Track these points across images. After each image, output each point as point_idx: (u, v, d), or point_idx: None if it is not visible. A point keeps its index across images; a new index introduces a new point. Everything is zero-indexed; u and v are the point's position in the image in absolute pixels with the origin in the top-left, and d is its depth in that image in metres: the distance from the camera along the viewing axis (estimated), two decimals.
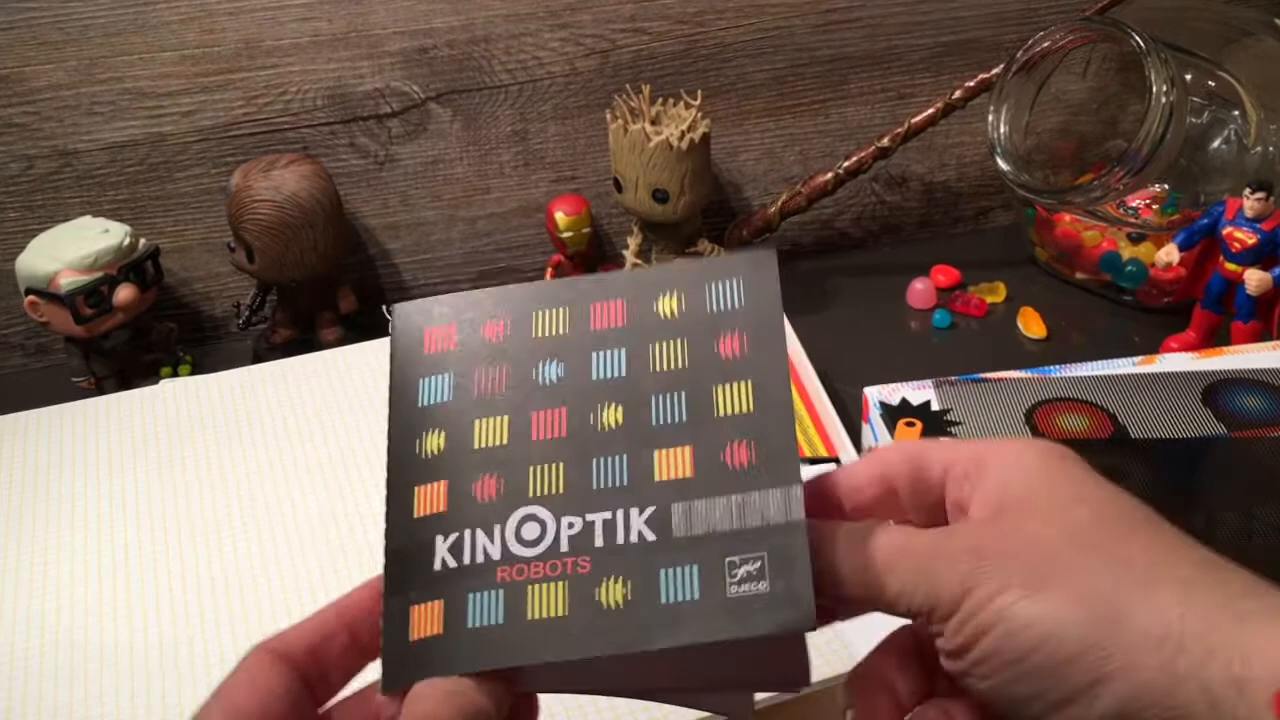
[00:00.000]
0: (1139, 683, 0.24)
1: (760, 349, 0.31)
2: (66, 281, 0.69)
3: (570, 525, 0.30)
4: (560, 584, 0.29)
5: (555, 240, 0.82)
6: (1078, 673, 0.25)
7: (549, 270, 0.83)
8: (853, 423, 0.62)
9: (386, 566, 0.30)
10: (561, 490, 0.31)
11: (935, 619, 0.27)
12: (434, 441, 0.32)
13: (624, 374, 0.32)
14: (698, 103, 0.74)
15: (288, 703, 0.28)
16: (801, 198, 0.82)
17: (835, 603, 0.29)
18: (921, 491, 0.30)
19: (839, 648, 0.45)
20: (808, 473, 0.30)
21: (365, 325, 0.79)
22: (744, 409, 0.31)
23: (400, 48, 0.78)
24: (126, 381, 0.73)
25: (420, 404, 0.33)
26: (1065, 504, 0.27)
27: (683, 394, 0.31)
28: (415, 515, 0.31)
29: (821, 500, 0.31)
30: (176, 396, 0.65)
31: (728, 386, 0.31)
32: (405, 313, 0.34)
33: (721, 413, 0.31)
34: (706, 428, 0.31)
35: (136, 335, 0.74)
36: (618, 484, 0.30)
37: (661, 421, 0.31)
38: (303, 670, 0.29)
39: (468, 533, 0.30)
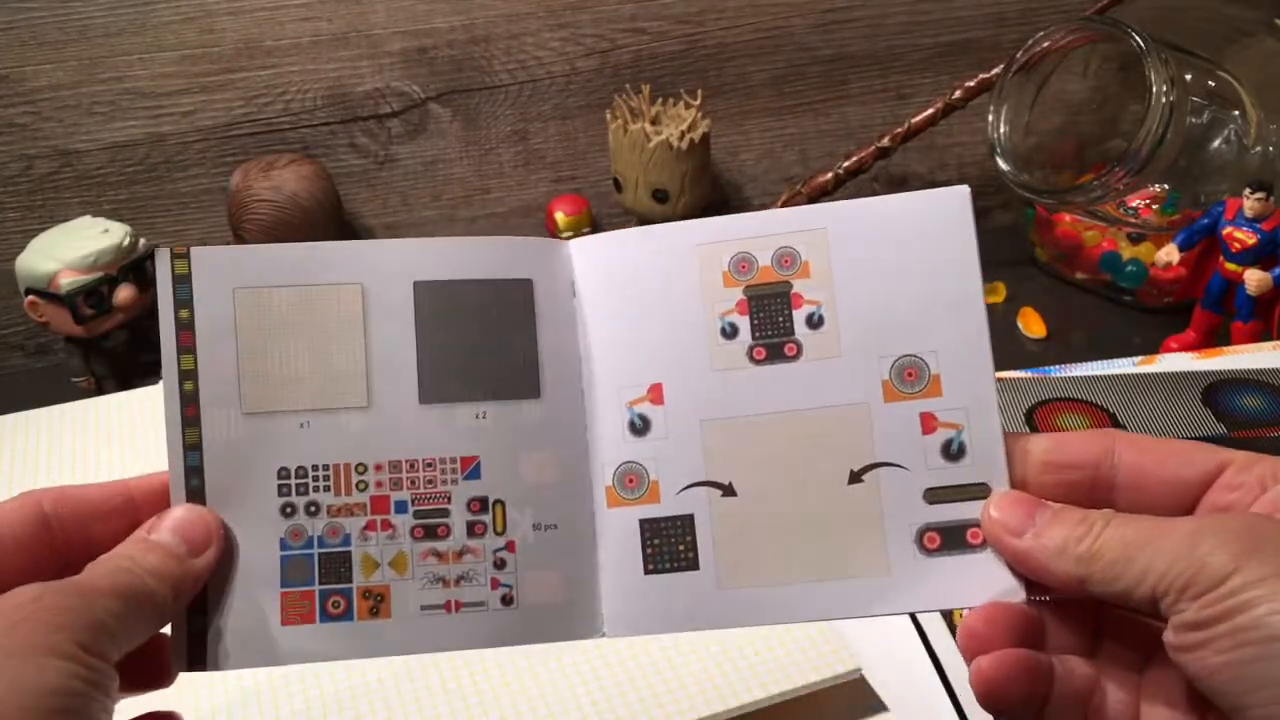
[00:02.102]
0: None
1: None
2: (66, 281, 0.69)
3: None
4: None
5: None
6: None
7: None
8: None
9: None
10: None
11: (1188, 595, 0.27)
12: None
13: None
14: (698, 103, 0.74)
15: (27, 544, 0.30)
16: (801, 198, 0.82)
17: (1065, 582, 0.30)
18: (1167, 484, 0.30)
19: (839, 647, 0.45)
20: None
21: None
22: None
23: (400, 48, 0.78)
24: (126, 381, 0.73)
25: None
26: None
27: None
28: None
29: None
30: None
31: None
32: None
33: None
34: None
35: (136, 335, 0.74)
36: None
37: None
38: (60, 527, 0.31)
39: None
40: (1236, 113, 0.71)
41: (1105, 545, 0.29)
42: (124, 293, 0.71)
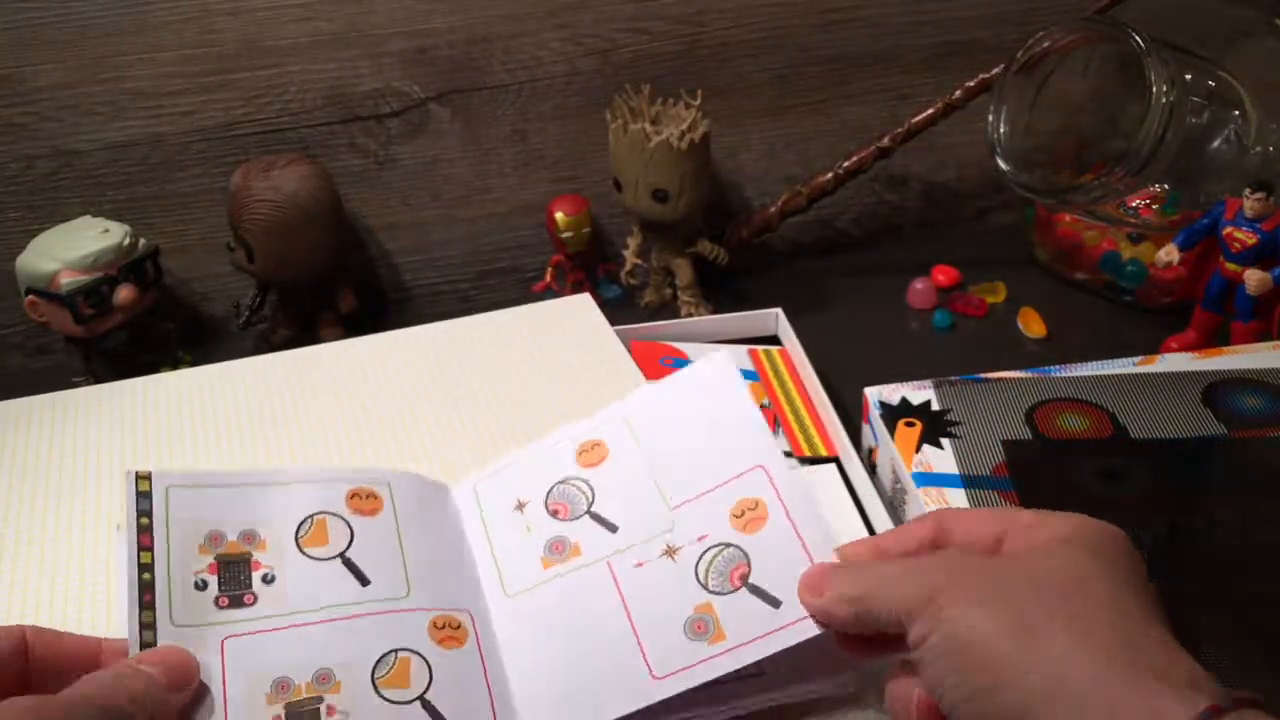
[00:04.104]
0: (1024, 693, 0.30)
1: None
2: (66, 281, 0.69)
3: None
4: None
5: (555, 240, 0.82)
6: (987, 675, 0.31)
7: (549, 270, 0.83)
8: (853, 423, 0.62)
9: None
10: None
11: (910, 619, 0.34)
12: None
13: None
14: (698, 103, 0.74)
15: (7, 660, 0.35)
16: (801, 198, 0.82)
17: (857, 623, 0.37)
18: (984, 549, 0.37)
19: None
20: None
21: (365, 325, 0.79)
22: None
23: (400, 48, 0.78)
24: None
25: None
26: (1049, 573, 0.34)
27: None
28: None
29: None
30: (176, 387, 0.65)
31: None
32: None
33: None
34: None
35: (136, 335, 0.74)
36: None
37: None
38: (35, 665, 0.36)
39: None
40: (1236, 113, 0.71)
41: (865, 588, 0.36)
42: (124, 293, 0.71)
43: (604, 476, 0.45)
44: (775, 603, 0.39)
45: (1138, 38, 0.65)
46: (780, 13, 0.82)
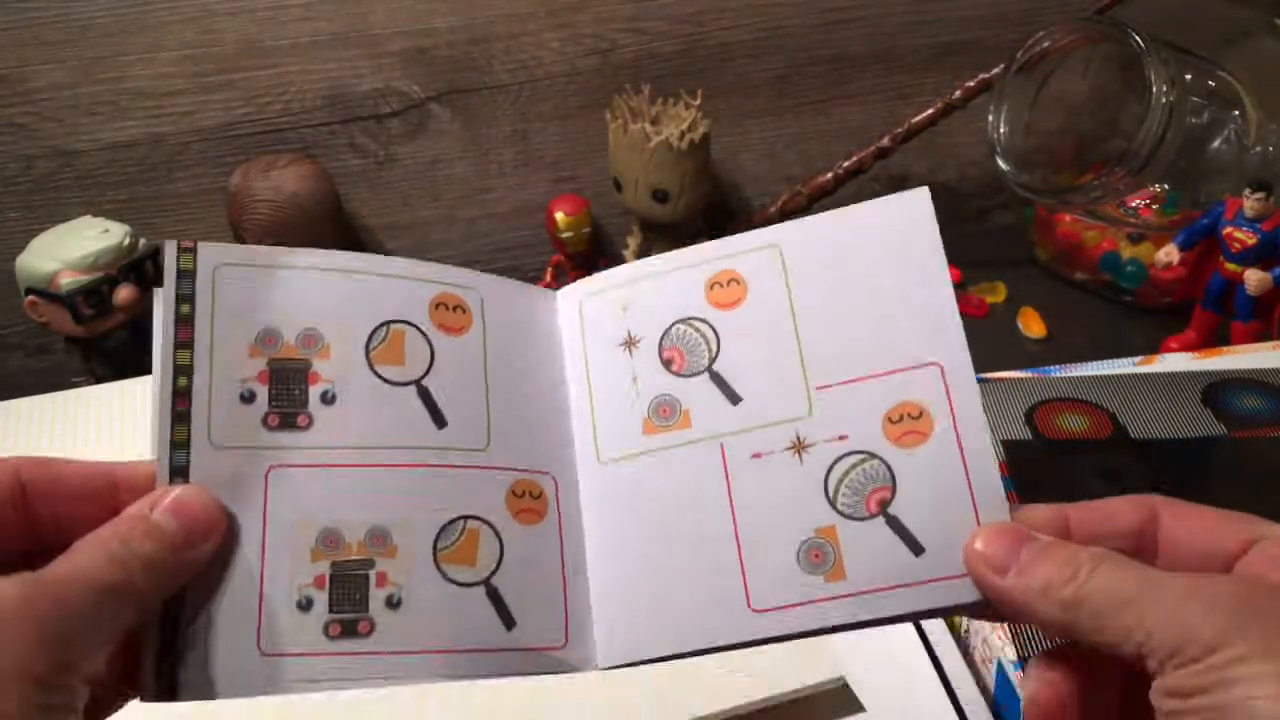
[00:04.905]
0: None
1: None
2: (66, 281, 0.69)
3: None
4: None
5: (555, 240, 0.82)
6: None
7: (549, 270, 0.83)
8: None
9: None
10: None
11: (1172, 662, 0.25)
12: None
13: None
14: (698, 103, 0.74)
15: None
16: (801, 198, 0.82)
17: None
18: (1203, 554, 0.29)
19: (822, 655, 0.45)
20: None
21: None
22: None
23: (400, 48, 0.78)
24: None
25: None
26: None
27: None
28: None
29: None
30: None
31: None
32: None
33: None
34: None
35: (136, 335, 0.74)
36: None
37: None
38: (33, 500, 0.28)
39: None
40: (1236, 113, 0.71)
41: (1092, 593, 0.27)
42: (124, 293, 0.71)
43: (736, 325, 0.35)
44: (917, 548, 0.31)
45: (1137, 38, 0.65)
46: (780, 13, 0.82)
